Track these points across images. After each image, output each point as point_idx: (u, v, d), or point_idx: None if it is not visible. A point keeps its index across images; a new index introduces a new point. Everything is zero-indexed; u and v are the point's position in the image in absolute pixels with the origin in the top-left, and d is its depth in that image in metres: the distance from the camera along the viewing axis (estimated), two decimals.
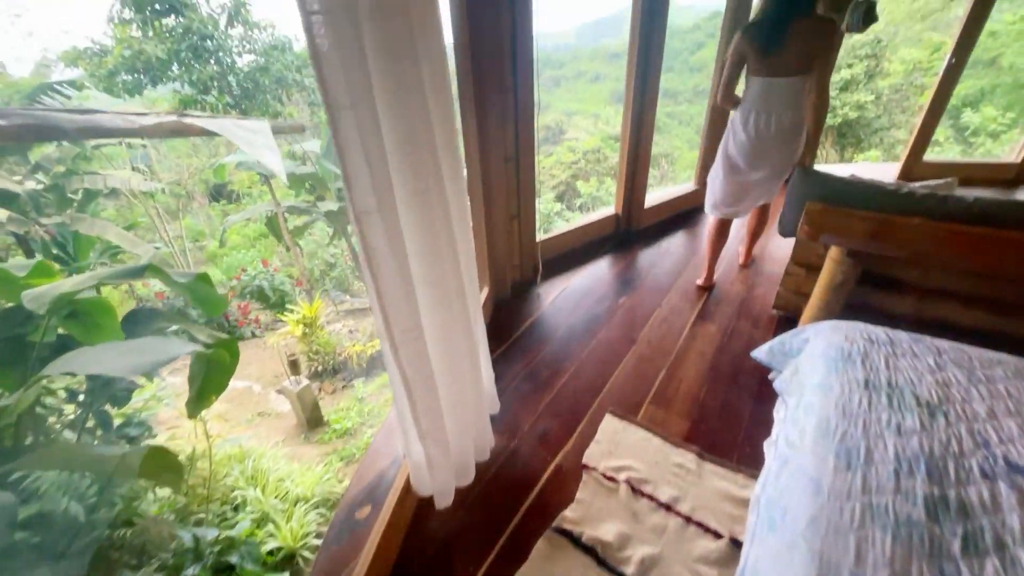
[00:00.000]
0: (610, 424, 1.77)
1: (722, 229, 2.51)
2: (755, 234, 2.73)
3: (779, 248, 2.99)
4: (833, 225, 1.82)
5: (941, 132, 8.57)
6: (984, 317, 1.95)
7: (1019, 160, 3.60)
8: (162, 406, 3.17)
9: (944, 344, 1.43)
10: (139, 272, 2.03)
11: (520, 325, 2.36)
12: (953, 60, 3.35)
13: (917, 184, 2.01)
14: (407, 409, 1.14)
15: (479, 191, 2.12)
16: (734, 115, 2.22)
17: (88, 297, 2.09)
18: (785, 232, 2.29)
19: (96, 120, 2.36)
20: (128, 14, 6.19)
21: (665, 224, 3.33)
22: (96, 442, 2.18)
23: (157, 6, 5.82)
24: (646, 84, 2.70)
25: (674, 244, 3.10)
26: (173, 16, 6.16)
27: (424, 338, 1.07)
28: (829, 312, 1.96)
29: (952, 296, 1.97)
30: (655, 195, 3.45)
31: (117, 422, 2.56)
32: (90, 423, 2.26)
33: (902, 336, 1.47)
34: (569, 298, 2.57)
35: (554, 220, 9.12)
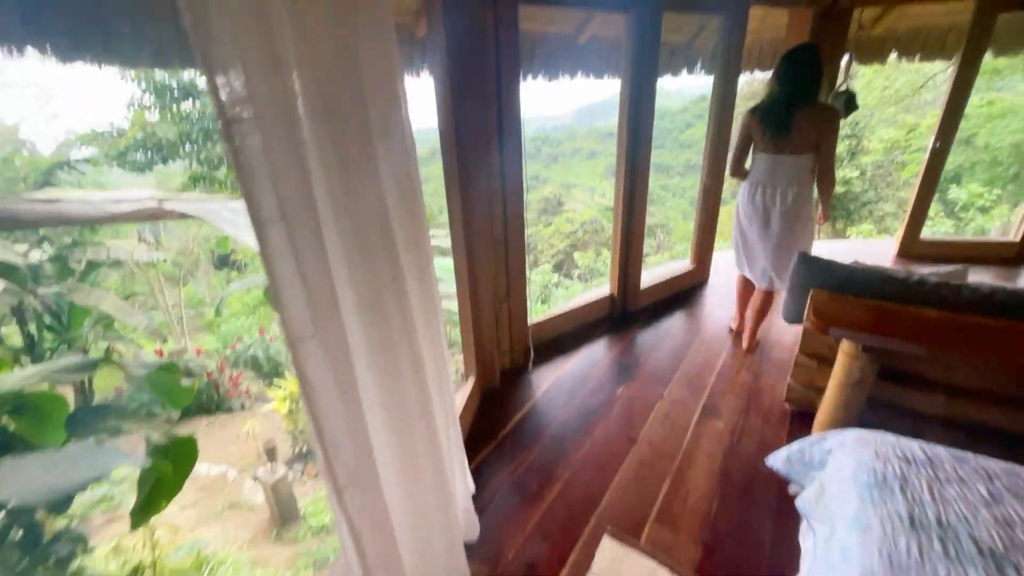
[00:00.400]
0: (608, 550, 1.52)
1: (747, 282, 2.67)
2: (759, 316, 2.60)
3: (784, 331, 2.84)
4: (842, 317, 1.68)
5: (931, 207, 8.77)
6: (1022, 418, 1.75)
7: (1019, 239, 3.56)
8: (115, 503, 2.85)
9: (993, 465, 1.23)
10: (91, 366, 1.87)
11: (509, 420, 2.15)
12: (938, 144, 3.42)
13: (927, 271, 1.90)
14: (355, 562, 0.92)
15: (464, 276, 2.01)
16: (743, 185, 2.38)
17: (38, 391, 1.91)
18: (789, 318, 2.16)
19: (59, 209, 2.33)
20: (149, 99, 6.56)
21: (663, 305, 3.21)
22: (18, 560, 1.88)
23: (175, 92, 6.18)
24: (636, 164, 2.70)
25: (673, 326, 2.95)
26: (190, 100, 6.52)
27: (377, 475, 0.89)
28: (848, 413, 1.76)
29: (983, 395, 1.79)
30: (652, 274, 3.37)
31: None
32: (17, 536, 1.98)
33: (942, 454, 1.27)
34: (563, 387, 2.38)
35: (552, 291, 9.08)
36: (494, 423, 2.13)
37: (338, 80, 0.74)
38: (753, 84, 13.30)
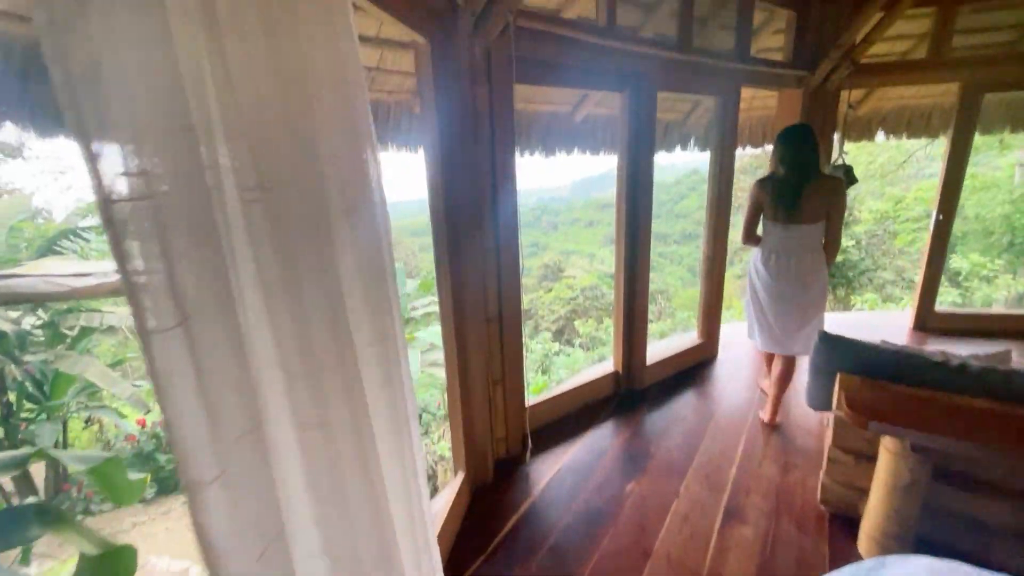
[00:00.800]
0: None
1: (769, 355, 2.60)
2: (781, 384, 2.46)
3: (808, 414, 2.59)
4: (880, 408, 1.47)
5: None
6: None
7: None
8: None
9: None
10: (23, 461, 1.63)
11: (502, 525, 1.86)
12: (940, 216, 3.38)
13: (966, 353, 1.72)
14: None
15: (454, 359, 1.83)
16: (756, 252, 2.41)
17: None
18: (815, 405, 1.94)
19: (10, 285, 2.20)
20: None
21: (671, 383, 2.98)
22: None
23: None
24: (636, 239, 2.61)
25: (685, 408, 2.71)
26: None
27: None
28: (903, 526, 1.49)
29: None
30: (658, 348, 3.18)
31: None
32: None
33: None
34: (565, 482, 2.10)
35: (553, 359, 8.78)
36: (486, 527, 1.84)
37: (281, 149, 0.61)
38: (743, 159, 13.94)
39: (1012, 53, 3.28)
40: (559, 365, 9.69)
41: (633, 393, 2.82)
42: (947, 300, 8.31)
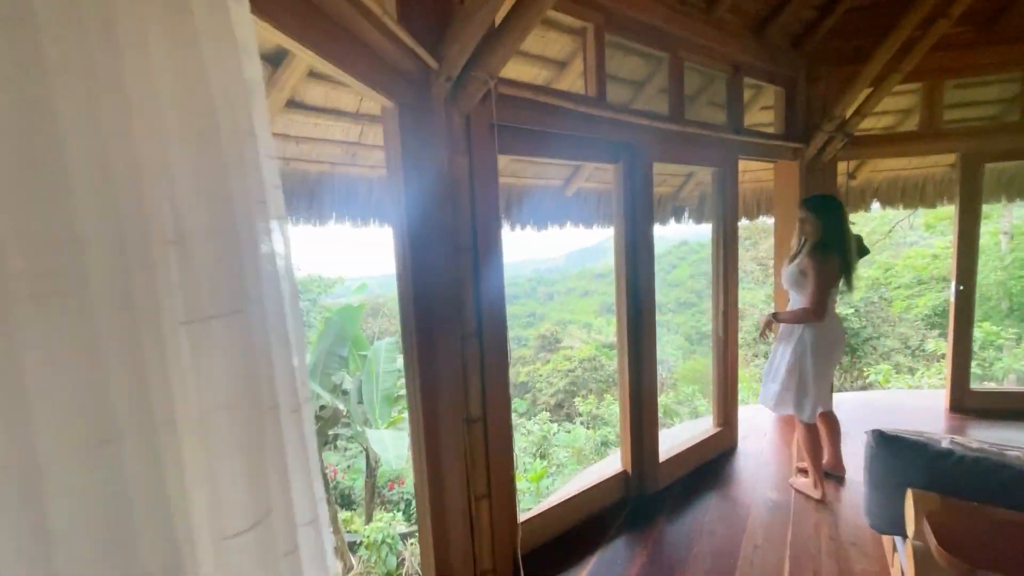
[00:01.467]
0: None
1: (827, 418, 2.52)
2: (834, 438, 2.50)
3: (859, 525, 2.16)
4: (991, 547, 1.11)
5: (941, 344, 8.47)
6: None
7: None
8: None
9: None
10: None
11: None
12: (961, 287, 3.17)
13: None
14: None
15: (424, 471, 1.47)
16: (826, 323, 2.26)
17: None
18: (879, 527, 1.56)
19: None
20: None
21: (690, 482, 2.56)
22: None
23: None
24: (640, 316, 2.34)
25: (711, 516, 2.27)
26: None
27: None
28: None
29: None
30: (671, 438, 2.79)
31: None
32: None
33: None
34: None
35: (551, 440, 8.14)
36: None
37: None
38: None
39: (1001, 125, 3.28)
40: (560, 443, 8.98)
41: (647, 499, 2.39)
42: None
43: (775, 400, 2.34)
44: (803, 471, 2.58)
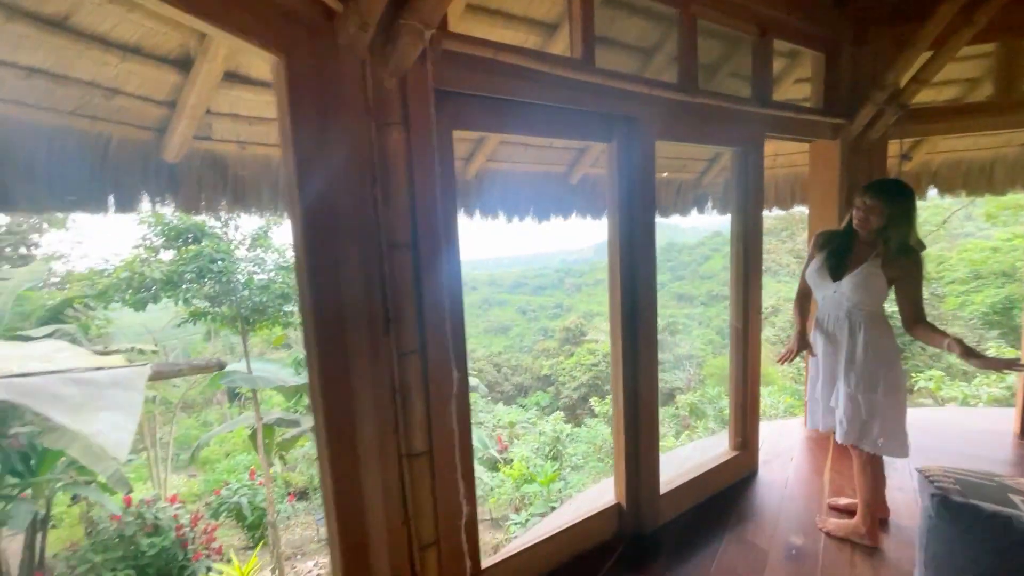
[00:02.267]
0: None
1: None
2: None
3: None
4: None
5: (1003, 349, 7.61)
6: None
7: None
8: None
9: None
10: None
11: None
12: None
13: None
14: None
15: (334, 523, 1.18)
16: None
17: None
18: None
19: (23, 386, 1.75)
20: (158, 241, 6.65)
21: (697, 517, 2.20)
22: None
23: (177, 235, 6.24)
24: (637, 320, 1.98)
25: (719, 562, 1.90)
26: (194, 241, 6.57)
27: None
28: None
29: None
30: (674, 462, 2.43)
31: None
32: None
33: None
34: None
35: (564, 441, 7.80)
36: None
37: None
38: (767, 220, 13.38)
39: None
40: (582, 439, 8.64)
41: (644, 539, 2.04)
42: None
43: (878, 435, 1.82)
44: (837, 510, 2.17)
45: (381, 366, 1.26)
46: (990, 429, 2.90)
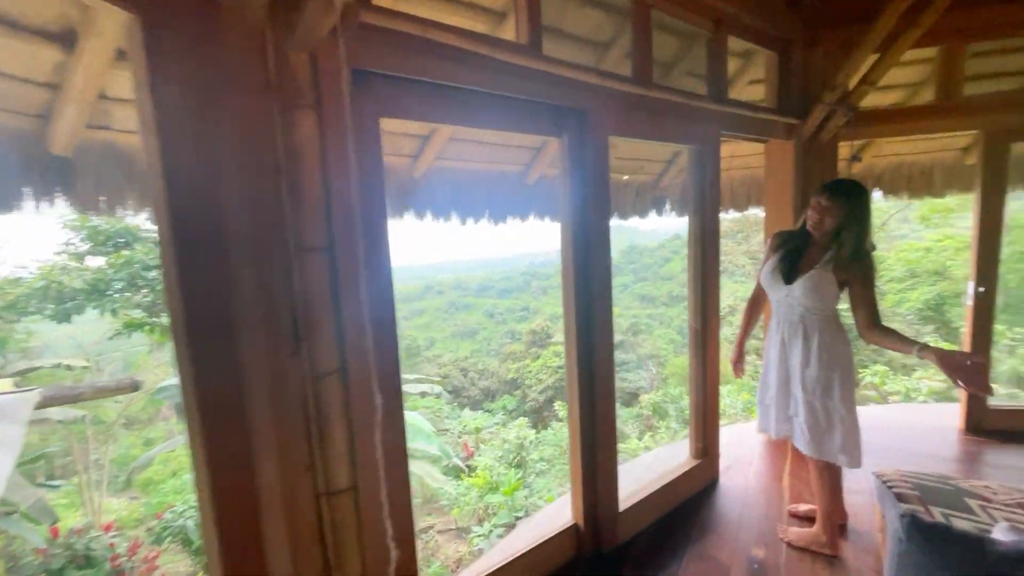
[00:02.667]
0: None
1: None
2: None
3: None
4: None
5: (938, 341, 8.08)
6: None
7: None
8: None
9: None
10: None
11: None
12: (981, 289, 2.71)
13: None
14: None
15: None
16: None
17: None
18: None
19: None
20: (83, 247, 6.09)
21: (659, 533, 2.10)
22: None
23: (105, 240, 5.71)
24: (592, 329, 1.85)
25: None
26: (126, 246, 6.05)
27: None
28: None
29: None
30: (633, 475, 2.32)
31: None
32: None
33: None
34: None
35: (528, 449, 7.66)
36: None
37: None
38: (724, 223, 13.80)
39: None
40: (547, 442, 8.51)
41: (604, 559, 1.91)
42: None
43: (839, 449, 1.76)
44: (798, 517, 2.12)
45: (290, 391, 1.07)
46: (935, 425, 2.97)
